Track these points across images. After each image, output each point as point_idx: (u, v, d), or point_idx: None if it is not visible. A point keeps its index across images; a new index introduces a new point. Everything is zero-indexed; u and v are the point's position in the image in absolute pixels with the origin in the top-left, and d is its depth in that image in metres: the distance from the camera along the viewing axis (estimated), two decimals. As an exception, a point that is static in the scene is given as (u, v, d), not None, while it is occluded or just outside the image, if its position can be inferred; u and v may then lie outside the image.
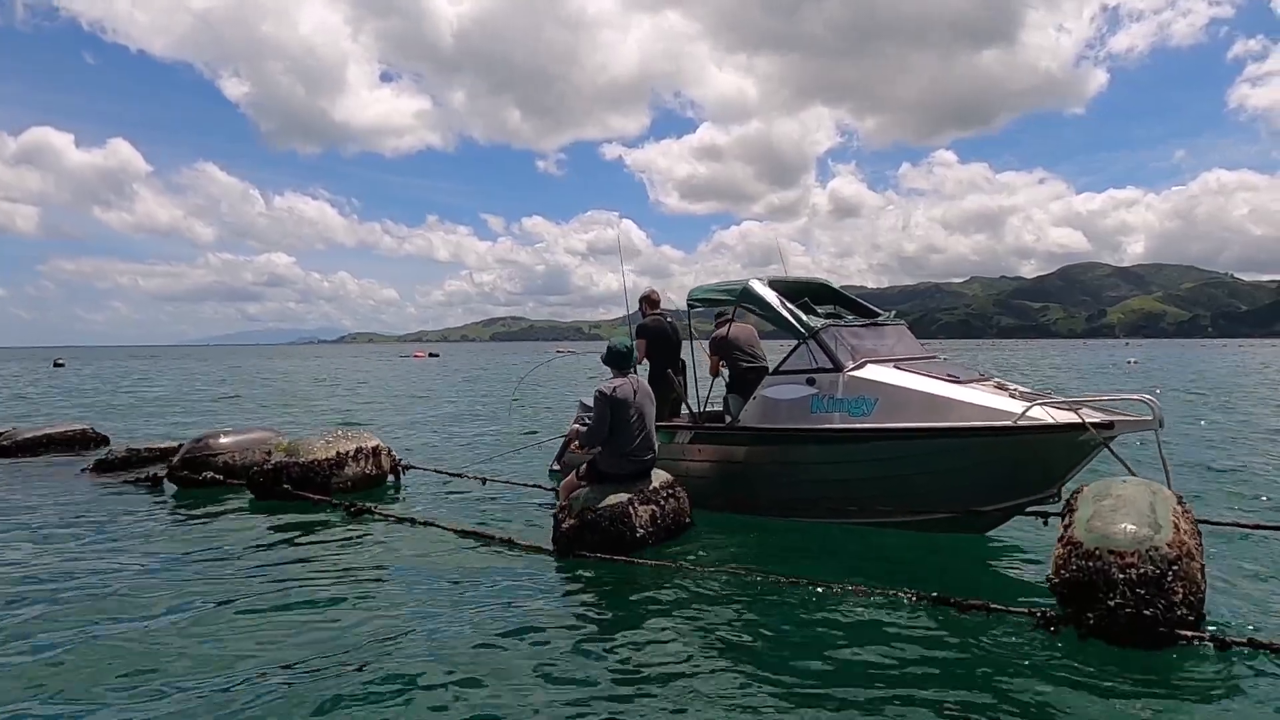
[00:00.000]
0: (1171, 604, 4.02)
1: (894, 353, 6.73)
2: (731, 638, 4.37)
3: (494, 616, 4.70)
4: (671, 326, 7.62)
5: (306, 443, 7.90)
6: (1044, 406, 5.45)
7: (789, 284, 7.40)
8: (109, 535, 6.62)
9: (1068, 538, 4.40)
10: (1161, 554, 4.10)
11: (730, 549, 6.06)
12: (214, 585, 5.30)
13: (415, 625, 4.57)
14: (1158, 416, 5.08)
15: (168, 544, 6.37)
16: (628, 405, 6.19)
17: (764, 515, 6.65)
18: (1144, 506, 4.40)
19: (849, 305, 7.69)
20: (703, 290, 7.45)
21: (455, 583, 5.34)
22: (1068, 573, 4.26)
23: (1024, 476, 5.60)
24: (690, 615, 4.71)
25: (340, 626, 4.54)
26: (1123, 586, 4.07)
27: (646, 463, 6.37)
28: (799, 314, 6.66)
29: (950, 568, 5.57)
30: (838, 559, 5.74)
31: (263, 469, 7.60)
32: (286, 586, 5.25)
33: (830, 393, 6.23)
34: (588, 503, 6.00)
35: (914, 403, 5.85)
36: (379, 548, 6.25)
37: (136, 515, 7.31)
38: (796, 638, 4.37)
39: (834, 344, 6.39)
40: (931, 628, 4.42)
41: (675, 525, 6.30)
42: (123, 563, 5.84)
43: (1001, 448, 5.49)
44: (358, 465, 7.99)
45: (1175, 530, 4.24)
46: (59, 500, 7.94)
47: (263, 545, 6.29)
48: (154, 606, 4.88)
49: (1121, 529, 4.25)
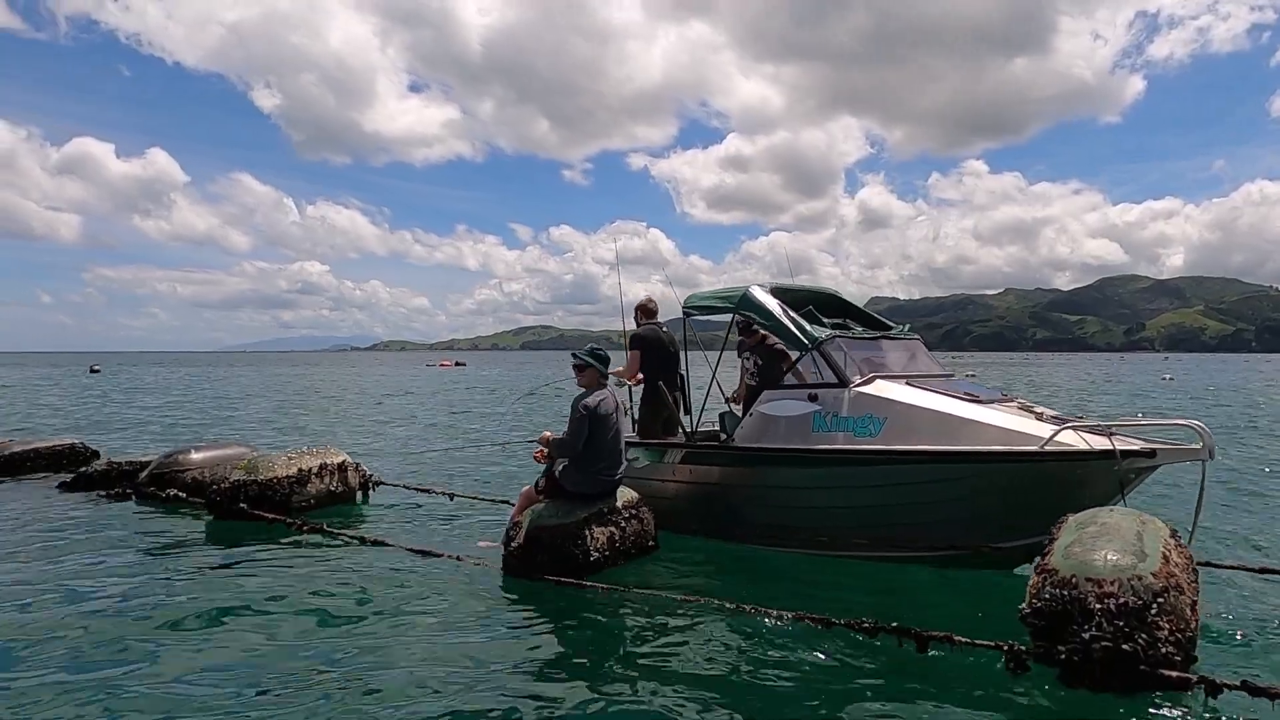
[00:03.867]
0: (1155, 639, 3.58)
1: (906, 368, 6.27)
2: (669, 667, 4.09)
3: (426, 638, 4.49)
4: (669, 337, 7.14)
5: (268, 460, 7.64)
6: (1075, 430, 4.94)
7: (793, 292, 6.90)
8: (47, 551, 6.43)
9: (1043, 565, 3.99)
10: (1145, 584, 3.67)
11: (689, 575, 5.69)
12: (132, 604, 5.08)
13: (338, 645, 4.38)
14: (1208, 445, 4.54)
15: (102, 560, 6.16)
16: (607, 422, 5.84)
17: (757, 543, 6.14)
18: (1130, 535, 4.00)
19: (858, 316, 7.18)
20: (700, 297, 6.92)
21: (392, 603, 5.11)
22: (1039, 602, 3.84)
23: (1050, 510, 4.83)
24: (632, 642, 4.44)
25: (254, 652, 4.31)
26: (1099, 617, 3.64)
27: (614, 481, 6.01)
28: (802, 323, 6.13)
29: (925, 599, 5.13)
30: (800, 586, 5.34)
31: (220, 487, 7.35)
32: (210, 608, 4.98)
33: (834, 410, 5.72)
34: (541, 520, 5.67)
35: (927, 423, 5.33)
36: (321, 567, 5.96)
37: (87, 531, 7.10)
38: (741, 669, 4.08)
39: (840, 357, 5.89)
40: (889, 661, 4.07)
41: (636, 548, 5.93)
42: (40, 578, 5.66)
43: (1027, 476, 4.97)
44: (321, 482, 7.71)
45: (1164, 561, 3.81)
46: (15, 515, 7.76)
47: (201, 566, 6.01)
48: (42, 624, 4.68)
49: (1102, 556, 3.84)
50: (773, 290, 6.58)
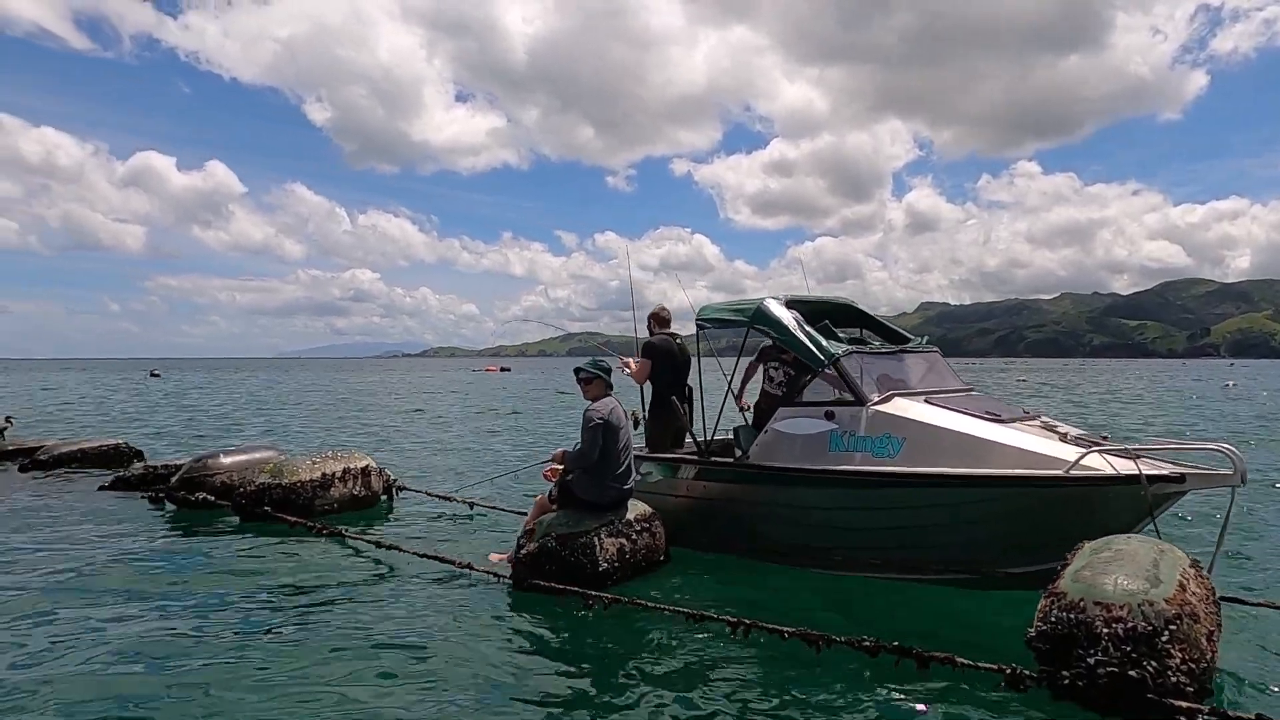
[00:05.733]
0: (1165, 668, 3.43)
1: (925, 383, 6.08)
2: (668, 681, 4.09)
3: (426, 644, 4.56)
4: (680, 348, 7.00)
5: (292, 464, 7.78)
6: (1101, 454, 4.75)
7: (809, 304, 6.72)
8: (80, 548, 6.70)
9: (1052, 589, 3.87)
10: (1157, 610, 3.52)
11: (696, 589, 5.62)
12: (150, 600, 5.31)
13: (339, 646, 4.49)
14: (1239, 471, 4.33)
15: (123, 559, 6.41)
16: (618, 431, 5.85)
17: (770, 561, 5.99)
18: (1145, 562, 3.86)
19: (875, 328, 7.01)
20: (713, 309, 6.77)
21: (398, 608, 5.21)
22: (1046, 625, 3.71)
23: (1073, 536, 4.63)
24: (632, 656, 4.44)
25: (258, 651, 4.42)
26: (1107, 642, 3.52)
27: (626, 491, 5.98)
28: (818, 338, 5.93)
29: (932, 619, 4.95)
30: (805, 603, 5.24)
31: (245, 490, 7.50)
32: (219, 609, 5.15)
33: (852, 429, 5.53)
34: (551, 529, 5.66)
35: (947, 444, 5.15)
36: (336, 571, 6.09)
37: (121, 532, 7.34)
38: (738, 684, 4.06)
39: (857, 373, 5.72)
40: (888, 681, 3.97)
41: (647, 562, 5.88)
42: (67, 574, 5.95)
43: (1050, 501, 4.79)
44: (344, 486, 7.82)
45: (1180, 589, 3.65)
46: (54, 514, 8.08)
47: (218, 568, 6.18)
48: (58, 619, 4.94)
49: (1113, 580, 3.72)
50: (788, 303, 6.42)
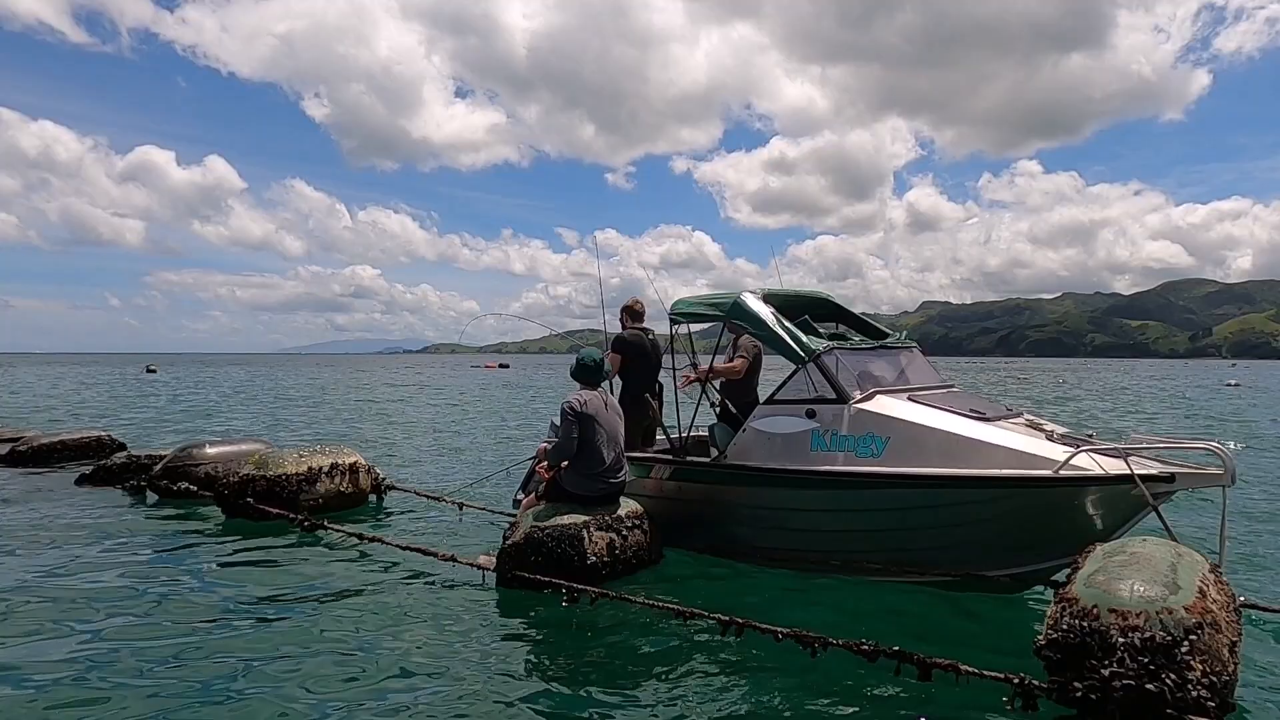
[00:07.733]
0: (1185, 681, 3.20)
1: (907, 380, 5.90)
2: (654, 679, 3.98)
3: (405, 638, 4.48)
4: (652, 343, 6.83)
5: (278, 457, 7.57)
6: (1089, 453, 4.58)
7: (786, 298, 6.56)
8: (50, 539, 6.60)
9: (1063, 594, 3.66)
10: (1176, 618, 3.30)
11: (687, 586, 5.43)
12: (129, 594, 5.21)
13: (315, 640, 4.44)
14: (1229, 470, 4.17)
15: (103, 551, 6.29)
16: (597, 421, 5.67)
17: (747, 561, 5.82)
18: (1162, 566, 3.63)
19: (853, 323, 6.82)
20: (688, 303, 6.58)
21: (379, 602, 5.13)
22: (1057, 634, 3.49)
23: (1060, 536, 4.62)
24: (619, 652, 4.33)
25: (234, 646, 4.32)
26: (1122, 653, 3.29)
27: (616, 486, 5.80)
28: (798, 334, 5.77)
29: (934, 623, 4.77)
30: (801, 603, 5.06)
31: (228, 481, 7.30)
32: (196, 602, 5.06)
33: (834, 428, 5.36)
34: (538, 519, 5.47)
35: (933, 444, 4.99)
36: (316, 565, 5.97)
37: (90, 522, 7.22)
38: (726, 684, 3.92)
39: (838, 370, 5.53)
40: (887, 688, 3.80)
41: (638, 559, 5.67)
42: (39, 566, 5.82)
43: (1038, 502, 4.63)
44: (331, 482, 7.59)
45: (1200, 596, 3.43)
46: (31, 505, 7.91)
47: (195, 561, 6.06)
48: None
49: (1129, 586, 3.49)
50: (765, 297, 6.23)
